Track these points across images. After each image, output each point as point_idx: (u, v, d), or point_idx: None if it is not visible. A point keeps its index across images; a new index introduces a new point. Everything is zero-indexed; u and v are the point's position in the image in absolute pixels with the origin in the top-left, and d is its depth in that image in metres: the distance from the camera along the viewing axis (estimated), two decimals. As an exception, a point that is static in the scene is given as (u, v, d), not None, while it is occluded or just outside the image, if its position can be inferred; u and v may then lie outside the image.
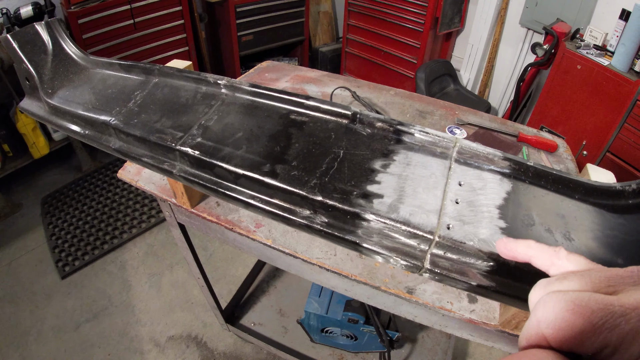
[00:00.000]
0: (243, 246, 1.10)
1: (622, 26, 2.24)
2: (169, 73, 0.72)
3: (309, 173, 0.51)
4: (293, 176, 0.51)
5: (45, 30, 0.92)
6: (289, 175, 0.51)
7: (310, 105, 0.58)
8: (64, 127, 0.81)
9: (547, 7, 2.85)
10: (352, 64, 4.04)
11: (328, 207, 0.49)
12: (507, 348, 0.95)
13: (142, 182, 1.13)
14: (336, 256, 0.94)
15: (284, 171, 0.51)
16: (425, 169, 0.54)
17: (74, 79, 0.89)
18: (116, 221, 2.74)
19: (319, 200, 0.49)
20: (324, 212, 0.50)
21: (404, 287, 0.88)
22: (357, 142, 0.56)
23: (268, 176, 0.51)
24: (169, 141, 0.59)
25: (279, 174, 0.51)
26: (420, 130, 0.58)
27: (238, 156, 0.54)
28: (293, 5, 3.70)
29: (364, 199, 0.49)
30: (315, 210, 0.50)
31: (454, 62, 3.60)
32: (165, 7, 2.99)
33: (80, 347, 2.09)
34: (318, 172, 0.51)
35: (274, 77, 1.61)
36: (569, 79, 2.52)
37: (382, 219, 0.47)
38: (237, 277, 2.39)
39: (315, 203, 0.49)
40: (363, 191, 0.50)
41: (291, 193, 0.50)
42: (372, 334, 1.65)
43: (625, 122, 2.28)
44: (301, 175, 0.51)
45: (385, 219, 0.48)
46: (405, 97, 1.54)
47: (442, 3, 3.08)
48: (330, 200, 0.48)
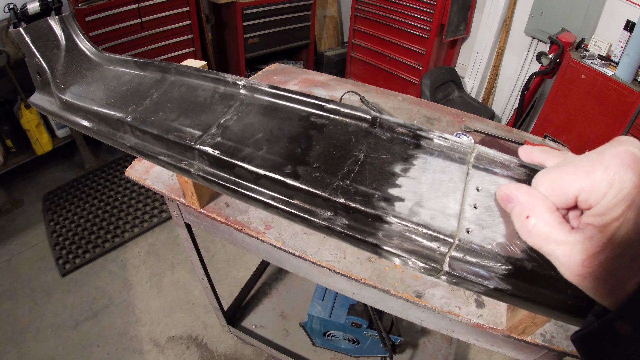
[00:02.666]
0: (251, 248, 1.10)
1: (627, 37, 2.25)
2: (186, 72, 0.72)
3: (330, 175, 0.51)
4: (315, 178, 0.51)
5: (58, 25, 0.92)
6: (310, 177, 0.51)
7: (331, 108, 0.59)
8: (76, 122, 0.81)
9: (553, 17, 2.87)
10: (357, 68, 4.06)
11: (350, 209, 0.49)
12: (512, 353, 0.95)
13: (150, 181, 1.13)
14: (345, 259, 0.94)
15: (305, 173, 0.52)
16: (444, 174, 0.55)
17: (87, 75, 0.89)
18: (118, 220, 2.73)
19: (341, 202, 0.49)
20: (345, 214, 0.50)
21: (413, 291, 0.89)
22: (377, 146, 0.56)
23: (290, 177, 0.51)
24: (187, 140, 0.59)
25: (301, 176, 0.51)
26: (439, 136, 0.58)
27: (259, 157, 0.54)
28: (299, 9, 3.72)
29: (385, 202, 0.49)
30: (336, 212, 0.50)
31: (458, 69, 3.61)
32: (172, 8, 3.00)
33: (79, 346, 2.08)
34: (339, 174, 0.51)
35: (282, 80, 1.62)
36: (573, 88, 2.54)
37: (404, 222, 0.48)
38: (239, 279, 2.39)
39: (337, 205, 0.49)
40: (384, 194, 0.50)
41: (313, 194, 0.50)
42: (375, 338, 1.65)
43: (629, 132, 2.29)
44: (323, 177, 0.51)
45: (407, 221, 0.48)
46: (413, 103, 1.55)
47: (448, 10, 3.10)
48: (353, 203, 0.48)
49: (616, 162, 0.32)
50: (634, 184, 0.30)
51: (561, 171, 0.36)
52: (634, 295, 0.30)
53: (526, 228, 0.36)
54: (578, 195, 0.34)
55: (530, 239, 0.37)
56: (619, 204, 0.31)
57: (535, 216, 0.36)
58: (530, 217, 0.36)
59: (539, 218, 0.35)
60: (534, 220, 0.36)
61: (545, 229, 0.35)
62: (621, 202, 0.31)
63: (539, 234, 0.35)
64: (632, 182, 0.30)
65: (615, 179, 0.31)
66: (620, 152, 0.32)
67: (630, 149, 0.32)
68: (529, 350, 0.90)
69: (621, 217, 0.31)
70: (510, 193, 0.39)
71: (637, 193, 0.30)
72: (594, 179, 0.32)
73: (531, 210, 0.36)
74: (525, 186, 0.39)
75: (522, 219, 0.37)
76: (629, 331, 0.30)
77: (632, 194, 0.30)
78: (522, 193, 0.38)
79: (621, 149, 0.32)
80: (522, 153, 0.47)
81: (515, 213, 0.38)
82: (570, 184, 0.34)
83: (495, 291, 0.47)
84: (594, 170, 0.32)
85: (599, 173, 0.32)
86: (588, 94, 2.45)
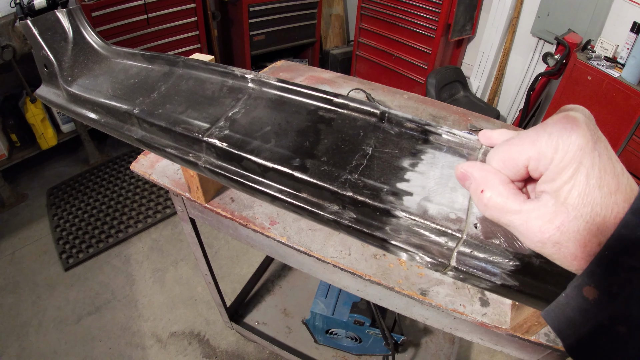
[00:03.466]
0: (256, 243, 1.10)
1: (633, 39, 2.24)
2: (194, 65, 0.72)
3: (338, 169, 0.51)
4: (323, 171, 0.51)
5: (66, 18, 0.92)
6: (319, 170, 0.51)
7: (339, 102, 0.58)
8: (83, 115, 0.81)
9: (559, 18, 2.85)
10: (363, 67, 4.05)
11: (358, 203, 0.49)
12: (515, 353, 0.94)
13: (155, 176, 1.13)
14: (350, 256, 0.93)
15: (313, 166, 0.51)
16: (452, 169, 0.55)
17: (94, 68, 0.89)
18: (122, 215, 2.74)
19: (350, 196, 0.49)
20: (353, 208, 0.50)
21: (418, 289, 0.88)
22: (385, 141, 0.56)
23: (298, 170, 0.51)
24: (195, 132, 0.59)
25: (309, 169, 0.51)
26: (448, 131, 0.58)
27: (267, 149, 0.54)
28: (305, 7, 3.71)
29: (393, 196, 0.49)
30: (344, 205, 0.50)
31: (464, 69, 3.60)
32: (178, 4, 3.01)
33: (82, 340, 2.09)
34: (348, 168, 0.51)
35: (288, 76, 1.61)
36: (579, 89, 2.53)
37: (412, 216, 0.47)
38: (242, 276, 2.39)
39: (345, 199, 0.49)
40: (393, 188, 0.50)
41: (321, 188, 0.50)
42: (377, 336, 1.65)
43: (634, 134, 2.28)
44: (331, 170, 0.51)
45: (415, 216, 0.48)
46: (419, 101, 1.54)
47: (454, 10, 3.09)
48: (361, 196, 0.48)
49: (558, 127, 0.33)
50: (578, 146, 0.31)
51: (510, 144, 0.37)
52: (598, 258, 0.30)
53: (482, 202, 0.37)
54: (528, 165, 0.35)
55: (487, 212, 0.37)
56: (566, 167, 0.31)
57: (490, 189, 0.37)
58: (485, 191, 0.37)
59: (493, 191, 0.36)
60: (488, 193, 0.37)
61: (500, 200, 0.36)
62: (568, 165, 0.31)
63: (495, 205, 0.36)
64: (575, 145, 0.31)
65: (559, 143, 0.32)
66: (561, 118, 0.33)
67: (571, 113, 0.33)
68: (533, 349, 0.90)
69: (571, 179, 0.31)
70: (465, 170, 0.40)
71: (583, 154, 0.31)
72: (540, 147, 0.33)
73: (485, 184, 0.37)
74: (479, 163, 0.40)
75: (478, 194, 0.38)
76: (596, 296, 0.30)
77: (578, 155, 0.31)
78: (476, 169, 0.39)
79: (562, 115, 0.33)
80: (482, 138, 0.48)
81: (472, 189, 0.39)
82: (518, 155, 0.35)
83: (502, 287, 0.47)
84: (539, 139, 0.33)
85: (543, 140, 0.33)
86: (594, 95, 2.44)
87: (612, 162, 0.32)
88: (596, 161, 0.31)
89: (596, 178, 0.31)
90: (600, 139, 0.33)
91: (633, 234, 0.29)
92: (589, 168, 0.31)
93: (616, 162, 0.32)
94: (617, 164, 0.32)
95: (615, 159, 0.32)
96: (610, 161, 0.32)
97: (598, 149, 0.32)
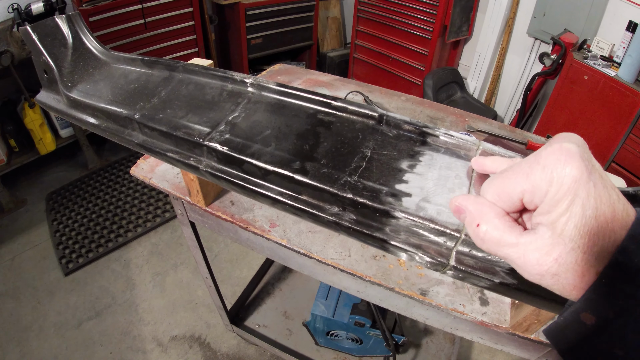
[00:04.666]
0: (256, 246, 1.10)
1: (629, 38, 2.26)
2: (193, 70, 0.73)
3: (338, 171, 0.52)
4: (323, 174, 0.51)
5: (65, 24, 0.92)
6: (319, 173, 0.52)
7: (338, 106, 0.59)
8: (83, 120, 0.81)
9: (555, 18, 2.87)
10: (360, 69, 4.07)
11: (358, 204, 0.49)
12: (516, 351, 0.95)
13: (155, 180, 1.13)
14: (350, 257, 0.94)
15: (313, 169, 0.52)
16: (450, 170, 0.55)
17: (94, 73, 0.90)
18: (121, 220, 2.74)
19: (349, 198, 0.49)
20: (353, 210, 0.50)
21: (418, 289, 0.89)
22: (383, 143, 0.57)
23: (298, 173, 0.52)
24: (196, 136, 0.60)
25: (309, 171, 0.52)
26: (445, 133, 0.59)
27: (267, 153, 0.55)
28: (302, 10, 3.73)
29: (392, 197, 0.50)
30: (344, 207, 0.51)
31: (461, 70, 3.62)
32: (176, 8, 3.01)
33: (82, 345, 2.09)
34: (347, 170, 0.52)
35: (286, 80, 1.62)
36: (575, 89, 2.54)
37: (411, 217, 0.48)
38: (242, 279, 2.40)
39: (345, 200, 0.50)
40: (392, 190, 0.50)
41: (321, 190, 0.51)
42: (378, 337, 1.65)
43: (631, 132, 2.29)
44: (331, 173, 0.52)
45: (414, 216, 0.48)
46: (416, 103, 1.55)
47: (450, 11, 3.10)
48: (361, 198, 0.49)
49: (552, 159, 0.32)
50: (572, 178, 0.31)
51: (503, 177, 0.37)
52: (594, 287, 0.31)
53: (478, 236, 0.37)
54: (522, 198, 0.35)
55: (484, 246, 0.37)
56: (562, 199, 0.31)
57: (486, 223, 0.37)
58: (481, 225, 0.37)
59: (489, 224, 0.36)
60: (484, 227, 0.36)
61: (497, 234, 0.36)
62: (564, 198, 0.31)
63: (491, 239, 0.36)
64: (570, 177, 0.31)
65: (554, 175, 0.32)
66: (555, 150, 0.33)
67: (564, 145, 0.33)
68: (533, 348, 0.90)
69: (567, 211, 0.31)
70: (459, 204, 0.40)
71: (578, 186, 0.31)
72: (534, 180, 0.33)
73: (481, 218, 0.37)
74: (473, 196, 0.39)
75: (474, 227, 0.37)
76: (593, 321, 0.31)
77: (573, 187, 0.31)
78: (471, 202, 0.38)
79: (556, 147, 0.33)
80: (474, 164, 0.48)
81: (467, 222, 0.39)
82: (512, 188, 0.35)
83: (501, 286, 0.48)
84: (533, 171, 0.33)
85: (537, 173, 0.33)
86: (590, 95, 2.46)
87: (607, 190, 0.32)
88: (591, 191, 0.31)
89: (592, 208, 0.31)
90: (594, 167, 0.32)
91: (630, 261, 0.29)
92: (584, 199, 0.31)
93: (611, 190, 0.32)
94: (613, 191, 0.32)
95: (610, 186, 0.32)
96: (606, 189, 0.32)
97: (593, 178, 0.31)
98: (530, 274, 0.34)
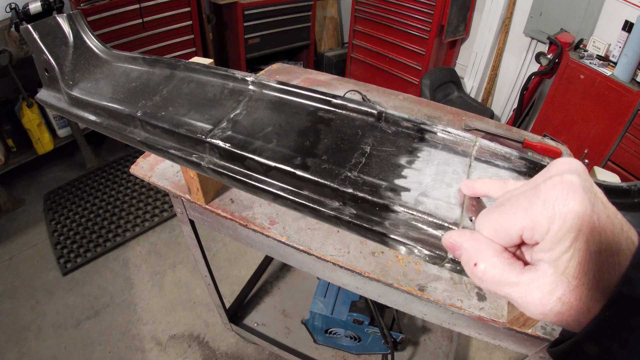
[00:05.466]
0: (255, 243, 1.11)
1: (625, 37, 2.28)
2: (194, 69, 0.74)
3: (338, 167, 0.53)
4: (324, 169, 0.52)
5: (66, 23, 0.93)
6: (319, 169, 0.53)
7: (338, 103, 0.60)
8: (84, 118, 0.82)
9: (551, 18, 2.89)
10: (357, 69, 4.08)
11: (358, 199, 0.50)
12: (513, 346, 0.96)
13: (155, 178, 1.14)
14: (349, 253, 0.95)
15: (314, 164, 0.53)
16: (447, 166, 0.57)
17: (95, 72, 0.91)
18: (119, 219, 2.74)
19: (350, 193, 0.50)
20: (353, 204, 0.51)
21: (416, 285, 0.90)
22: (383, 139, 0.58)
23: (299, 169, 0.53)
24: (198, 133, 0.61)
25: (310, 167, 0.53)
26: (443, 130, 0.60)
27: (269, 149, 0.56)
28: (300, 10, 3.74)
29: (392, 192, 0.51)
30: (344, 202, 0.52)
31: (458, 69, 3.63)
32: (173, 8, 3.02)
33: (81, 345, 2.09)
34: (347, 166, 0.53)
35: (284, 79, 1.63)
36: (571, 88, 2.56)
37: (410, 211, 0.49)
38: (240, 278, 2.40)
39: (346, 195, 0.51)
40: (391, 185, 0.51)
41: (322, 185, 0.52)
42: (376, 335, 1.66)
43: (627, 131, 2.31)
44: (331, 168, 0.53)
45: (413, 210, 0.49)
46: (414, 102, 1.57)
47: (447, 11, 3.12)
48: (361, 193, 0.50)
49: (553, 194, 0.30)
50: (576, 214, 0.29)
51: (500, 211, 0.34)
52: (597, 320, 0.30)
53: (477, 275, 0.35)
54: (522, 234, 0.33)
55: (483, 285, 0.35)
56: (564, 237, 0.29)
57: (484, 261, 0.35)
58: (479, 264, 0.35)
59: (487, 263, 0.34)
60: (482, 265, 0.35)
61: (496, 273, 0.34)
62: (567, 235, 0.29)
63: (491, 279, 0.34)
64: (574, 213, 0.29)
65: (556, 212, 0.30)
66: (556, 183, 0.31)
67: (565, 177, 0.31)
68: (530, 342, 0.92)
69: (570, 248, 0.30)
70: (454, 241, 0.38)
71: (582, 222, 0.29)
72: (534, 216, 0.31)
73: (478, 257, 0.35)
74: (468, 231, 0.37)
75: (471, 267, 0.36)
76: (596, 352, 0.30)
77: (577, 224, 0.29)
78: (466, 239, 0.36)
79: (557, 180, 0.31)
80: (464, 189, 0.46)
81: (464, 261, 0.37)
82: (511, 225, 0.33)
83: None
84: (532, 207, 0.31)
85: (538, 209, 0.31)
86: (587, 94, 2.47)
87: (610, 220, 0.30)
88: (596, 225, 0.29)
89: (596, 243, 0.29)
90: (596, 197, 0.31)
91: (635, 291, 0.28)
92: (588, 235, 0.29)
93: (614, 218, 0.31)
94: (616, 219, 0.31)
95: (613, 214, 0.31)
96: (609, 219, 0.30)
97: (596, 210, 0.30)
98: (533, 313, 0.32)
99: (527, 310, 0.32)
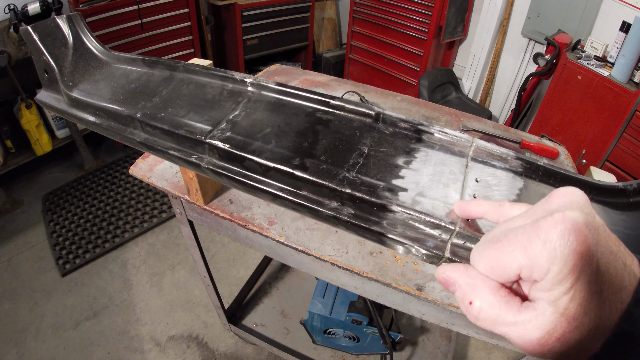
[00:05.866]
0: (254, 243, 1.12)
1: (622, 38, 2.29)
2: (194, 70, 0.75)
3: (337, 167, 0.53)
4: (322, 170, 0.53)
5: (66, 24, 0.94)
6: (318, 169, 0.53)
7: (336, 104, 0.61)
8: (84, 119, 0.83)
9: (549, 18, 2.90)
10: (356, 70, 4.09)
11: (356, 199, 0.51)
12: (511, 346, 0.97)
13: (154, 179, 1.14)
14: (348, 254, 0.96)
15: (313, 165, 0.54)
16: (444, 166, 0.57)
17: (95, 73, 0.91)
18: (118, 220, 2.74)
19: (348, 193, 0.51)
20: (351, 204, 0.52)
21: (414, 285, 0.91)
22: (380, 140, 0.58)
23: (298, 169, 0.53)
24: (198, 134, 0.61)
25: (308, 168, 0.53)
26: (440, 130, 0.60)
27: (268, 150, 0.56)
28: (298, 11, 3.75)
29: (389, 192, 0.51)
30: (342, 202, 0.52)
31: (456, 70, 3.65)
32: (172, 9, 3.02)
33: (80, 345, 2.09)
34: (345, 166, 0.54)
35: (282, 80, 1.64)
36: (569, 89, 2.57)
37: (407, 211, 0.50)
38: (239, 279, 2.41)
39: (344, 195, 0.51)
40: (388, 185, 0.52)
41: (320, 185, 0.52)
42: (375, 335, 1.67)
43: (625, 132, 2.32)
44: (330, 169, 0.53)
45: (410, 210, 0.50)
46: (412, 103, 1.57)
47: (445, 12, 3.13)
48: (359, 193, 0.51)
49: (554, 234, 0.29)
50: (579, 255, 0.28)
51: (497, 248, 0.33)
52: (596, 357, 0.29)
53: (472, 314, 0.34)
54: (520, 273, 0.31)
55: (479, 324, 0.34)
56: (565, 278, 0.28)
57: (479, 300, 0.33)
58: (474, 302, 0.33)
59: (483, 301, 0.33)
60: (478, 304, 0.33)
61: (492, 312, 0.32)
62: (568, 277, 0.28)
63: (487, 318, 0.33)
64: (576, 254, 0.28)
65: (557, 253, 0.28)
66: (557, 221, 0.29)
67: (567, 214, 0.29)
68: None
69: (571, 290, 0.28)
70: (448, 277, 0.36)
71: (584, 263, 0.28)
72: (534, 256, 0.29)
73: (473, 295, 0.34)
74: (463, 267, 0.36)
75: (466, 305, 0.34)
76: None
77: (579, 265, 0.28)
78: (461, 276, 0.35)
79: (558, 217, 0.29)
80: (457, 210, 0.45)
81: (459, 298, 0.35)
82: (509, 263, 0.31)
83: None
84: (532, 245, 0.30)
85: (537, 248, 0.29)
86: (584, 95, 2.49)
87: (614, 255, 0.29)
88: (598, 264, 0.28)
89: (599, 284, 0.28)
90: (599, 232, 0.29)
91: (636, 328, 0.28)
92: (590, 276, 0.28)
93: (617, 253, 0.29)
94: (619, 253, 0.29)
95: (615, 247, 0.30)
96: (612, 255, 0.29)
97: (600, 247, 0.28)
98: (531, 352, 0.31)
99: (525, 349, 0.31)
